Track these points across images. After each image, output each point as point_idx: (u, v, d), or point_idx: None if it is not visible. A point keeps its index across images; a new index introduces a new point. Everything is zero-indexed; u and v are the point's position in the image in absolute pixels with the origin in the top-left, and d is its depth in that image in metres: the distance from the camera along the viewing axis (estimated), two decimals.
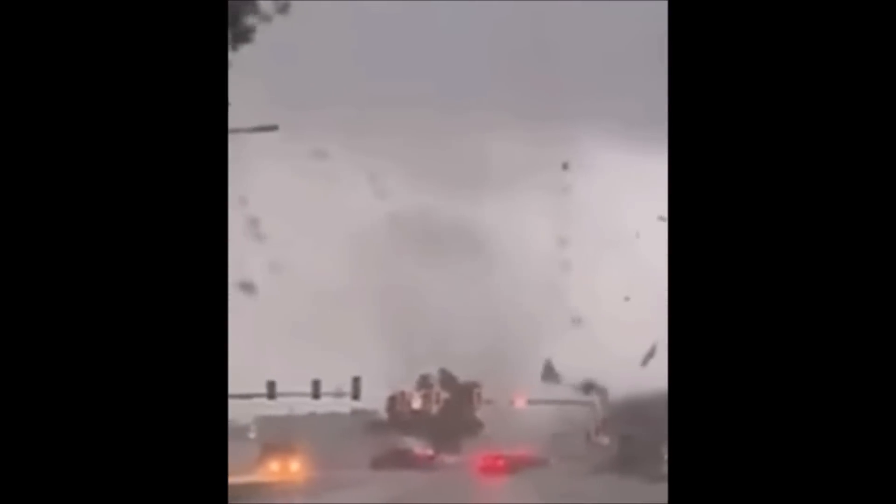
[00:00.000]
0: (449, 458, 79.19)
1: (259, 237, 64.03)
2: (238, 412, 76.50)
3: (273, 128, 39.69)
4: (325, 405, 65.19)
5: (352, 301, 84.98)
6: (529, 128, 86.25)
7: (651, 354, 65.50)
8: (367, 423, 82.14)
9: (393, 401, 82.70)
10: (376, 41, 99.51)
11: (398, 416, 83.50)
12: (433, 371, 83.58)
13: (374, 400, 74.87)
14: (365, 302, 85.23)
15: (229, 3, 17.19)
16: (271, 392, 61.02)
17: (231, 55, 17.70)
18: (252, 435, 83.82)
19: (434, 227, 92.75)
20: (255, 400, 62.11)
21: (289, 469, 59.84)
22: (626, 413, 59.28)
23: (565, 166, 69.88)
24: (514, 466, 62.32)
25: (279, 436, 69.15)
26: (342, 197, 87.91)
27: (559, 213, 77.13)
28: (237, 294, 68.34)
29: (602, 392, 69.02)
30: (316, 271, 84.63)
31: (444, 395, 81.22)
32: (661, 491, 8.96)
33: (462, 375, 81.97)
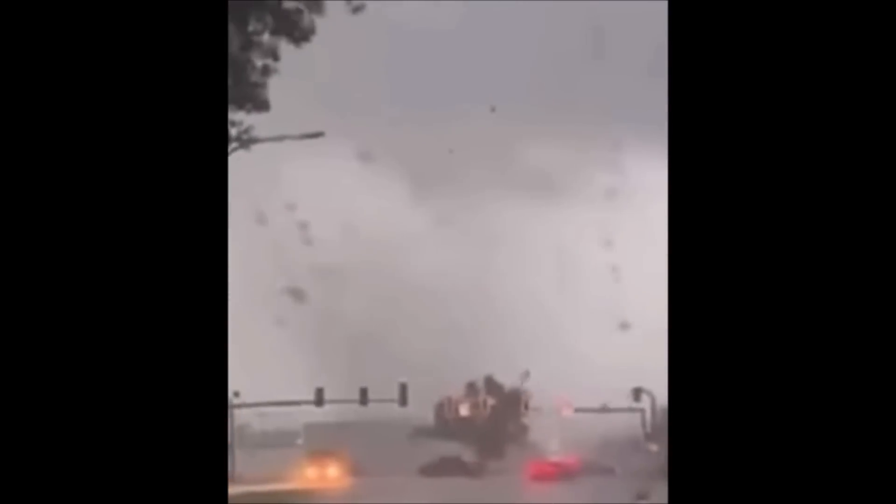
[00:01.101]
0: (496, 466, 79.12)
1: (308, 241, 64.21)
2: (287, 419, 77.12)
3: (319, 134, 39.93)
4: (373, 412, 65.31)
5: (399, 306, 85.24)
6: (573, 132, 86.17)
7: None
8: (414, 430, 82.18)
9: (440, 408, 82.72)
10: (417, 44, 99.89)
11: (445, 422, 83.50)
12: (480, 378, 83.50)
13: (422, 406, 74.95)
14: (412, 307, 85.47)
15: (275, 8, 17.29)
16: (319, 399, 61.24)
17: (275, 64, 17.85)
18: (300, 441, 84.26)
19: (479, 230, 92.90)
20: (304, 407, 62.44)
21: (328, 475, 59.97)
22: None
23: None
24: (566, 474, 62.03)
25: (326, 442, 69.44)
26: (387, 201, 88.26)
27: (606, 217, 76.95)
28: (286, 300, 68.83)
29: (651, 399, 68.63)
30: (362, 276, 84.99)
31: (492, 401, 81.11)
32: None
33: (508, 382, 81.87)
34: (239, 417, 67.80)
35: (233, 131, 18.12)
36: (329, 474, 61.39)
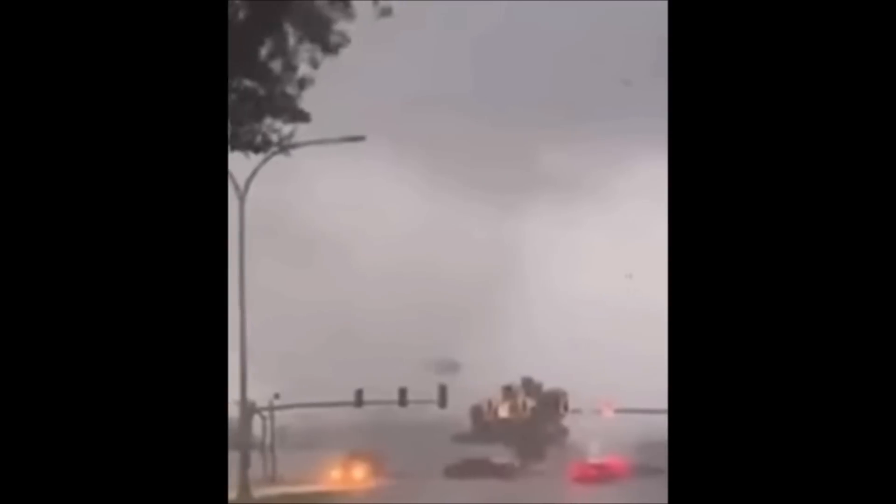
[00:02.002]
0: (537, 467, 78.96)
1: (351, 244, 64.19)
2: (326, 420, 77.31)
3: (360, 138, 40.07)
4: (412, 413, 65.32)
5: (438, 308, 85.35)
6: (604, 136, 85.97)
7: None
8: (453, 432, 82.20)
9: (478, 410, 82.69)
10: (451, 47, 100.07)
11: (484, 424, 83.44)
12: (517, 379, 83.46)
13: (460, 408, 74.89)
14: (451, 309, 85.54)
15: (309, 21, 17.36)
16: (359, 400, 61.31)
17: (313, 72, 17.91)
18: (337, 443, 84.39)
19: (518, 233, 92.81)
20: (345, 408, 62.50)
21: (354, 477, 60.25)
22: None
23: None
24: (609, 476, 61.64)
25: (365, 444, 69.54)
26: (428, 206, 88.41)
27: (645, 220, 76.66)
28: (328, 304, 68.98)
29: None
30: (400, 279, 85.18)
31: (531, 403, 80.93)
32: None
33: (547, 383, 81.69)
34: (280, 419, 68.12)
35: (273, 137, 18.22)
36: (355, 476, 61.70)
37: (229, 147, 18.46)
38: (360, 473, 63.53)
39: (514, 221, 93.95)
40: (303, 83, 18.06)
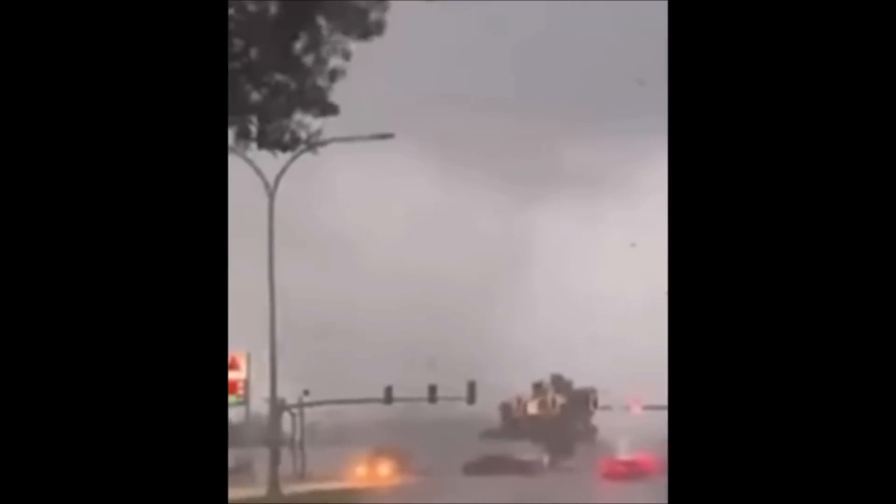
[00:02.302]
0: (565, 464, 78.92)
1: (374, 243, 64.44)
2: (355, 417, 77.75)
3: (389, 136, 40.23)
4: (441, 409, 65.47)
5: (463, 305, 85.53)
6: (627, 132, 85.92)
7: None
8: (485, 430, 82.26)
9: (507, 407, 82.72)
10: (483, 44, 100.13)
11: (513, 421, 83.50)
12: (546, 377, 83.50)
13: (489, 405, 74.95)
14: (474, 306, 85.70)
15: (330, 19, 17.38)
16: (388, 397, 61.47)
17: (345, 63, 17.92)
18: (367, 439, 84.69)
19: (542, 231, 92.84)
20: (374, 405, 62.71)
21: (379, 474, 60.50)
22: None
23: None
24: (639, 473, 61.51)
25: (394, 440, 69.75)
26: (453, 203, 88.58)
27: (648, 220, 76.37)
28: (355, 302, 69.28)
29: None
30: (426, 277, 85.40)
31: (560, 400, 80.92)
32: None
33: (575, 381, 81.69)
34: (310, 415, 68.40)
35: (302, 133, 18.25)
36: (381, 472, 61.98)
37: (257, 145, 18.55)
38: (385, 470, 63.76)
39: (538, 216, 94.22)
40: (334, 75, 18.08)
